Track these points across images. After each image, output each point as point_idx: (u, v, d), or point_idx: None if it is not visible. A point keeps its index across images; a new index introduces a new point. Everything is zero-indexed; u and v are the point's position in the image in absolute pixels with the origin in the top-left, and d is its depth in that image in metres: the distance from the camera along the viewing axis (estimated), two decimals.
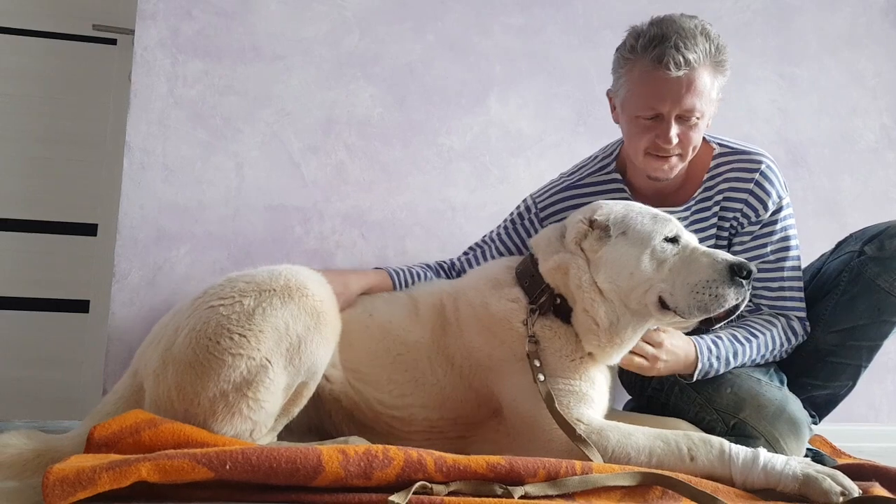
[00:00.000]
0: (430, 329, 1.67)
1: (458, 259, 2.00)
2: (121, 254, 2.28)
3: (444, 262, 1.99)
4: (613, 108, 1.87)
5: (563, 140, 2.69)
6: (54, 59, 2.65)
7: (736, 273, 1.48)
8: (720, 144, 1.87)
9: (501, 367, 1.58)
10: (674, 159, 1.75)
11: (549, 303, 1.60)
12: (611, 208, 1.62)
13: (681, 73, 1.63)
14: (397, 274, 1.88)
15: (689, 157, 1.78)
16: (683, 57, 1.62)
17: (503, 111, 2.67)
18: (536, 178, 2.55)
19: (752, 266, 1.50)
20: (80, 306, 2.57)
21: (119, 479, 1.10)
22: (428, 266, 1.95)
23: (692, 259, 1.52)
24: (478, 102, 2.65)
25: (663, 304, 1.52)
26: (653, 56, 1.65)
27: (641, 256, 1.53)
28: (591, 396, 1.53)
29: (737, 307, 1.51)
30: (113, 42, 2.67)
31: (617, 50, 1.79)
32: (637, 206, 1.64)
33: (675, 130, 1.70)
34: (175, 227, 2.33)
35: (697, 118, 1.70)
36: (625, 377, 1.90)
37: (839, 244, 1.93)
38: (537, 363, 1.50)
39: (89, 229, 2.60)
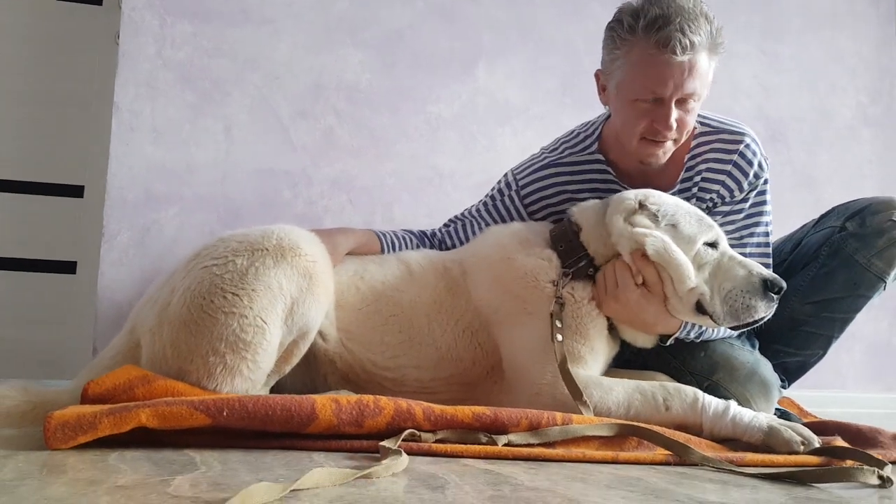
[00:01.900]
0: (431, 290, 1.70)
1: (440, 230, 2.00)
2: (110, 214, 2.29)
3: (426, 231, 2.00)
4: (603, 90, 1.81)
5: (548, 111, 2.73)
6: (40, 18, 2.62)
7: (769, 288, 1.53)
8: (702, 123, 1.84)
9: (509, 319, 1.63)
10: (668, 144, 1.72)
11: (584, 270, 1.64)
12: (662, 199, 1.64)
13: (686, 57, 1.58)
14: (384, 235, 1.89)
15: (683, 140, 1.75)
16: (690, 40, 1.57)
17: (491, 80, 2.70)
18: (523, 148, 2.57)
19: (784, 283, 1.55)
20: (67, 267, 2.58)
21: (119, 424, 1.13)
22: (412, 232, 1.96)
23: (729, 267, 1.57)
24: (466, 71, 2.67)
25: (700, 308, 1.58)
26: (658, 39, 1.58)
27: (687, 255, 1.57)
28: (586, 359, 1.59)
29: (762, 319, 1.56)
30: (98, 2, 2.64)
31: (611, 29, 1.71)
32: (684, 205, 1.66)
33: (674, 115, 1.65)
34: (164, 189, 2.34)
35: (695, 101, 1.68)
36: None
37: (821, 217, 1.97)
38: (559, 324, 1.55)
39: (76, 191, 2.60)
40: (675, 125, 1.67)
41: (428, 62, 2.63)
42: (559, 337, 1.53)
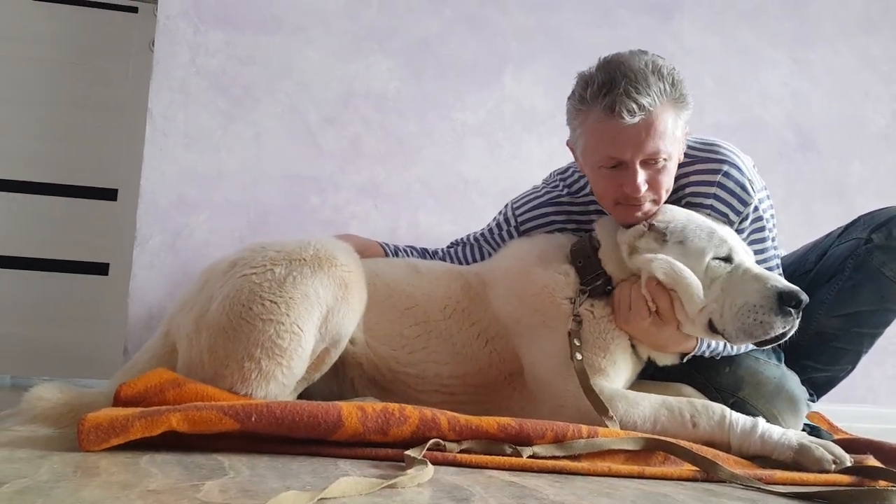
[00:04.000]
0: (444, 287, 1.72)
1: (442, 250, 2.03)
2: (142, 218, 2.34)
3: (428, 249, 2.03)
4: (577, 158, 1.76)
5: None
6: (77, 25, 2.68)
7: (785, 301, 1.45)
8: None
9: (529, 332, 1.64)
10: (647, 205, 1.63)
11: (601, 288, 1.63)
12: (673, 214, 1.61)
13: (636, 119, 1.52)
14: (386, 245, 1.96)
15: (665, 199, 1.66)
16: (636, 103, 1.50)
17: (517, 87, 2.70)
18: (548, 155, 2.59)
19: (804, 296, 1.46)
20: (100, 269, 2.64)
21: (150, 427, 1.15)
22: (413, 248, 2.00)
23: (742, 280, 1.51)
24: (492, 78, 2.68)
25: (712, 327, 1.54)
26: (604, 105, 1.53)
27: (695, 271, 1.54)
28: (608, 372, 1.58)
29: (784, 335, 1.48)
30: (134, 10, 2.71)
31: (568, 99, 1.67)
32: (697, 219, 1.61)
33: (642, 177, 1.58)
34: (195, 194, 2.38)
35: (665, 160, 1.59)
36: None
37: (847, 227, 1.93)
38: (577, 342, 1.54)
39: (110, 194, 2.66)
40: (644, 187, 1.59)
41: (455, 70, 2.64)
42: (578, 356, 1.52)
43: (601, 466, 1.25)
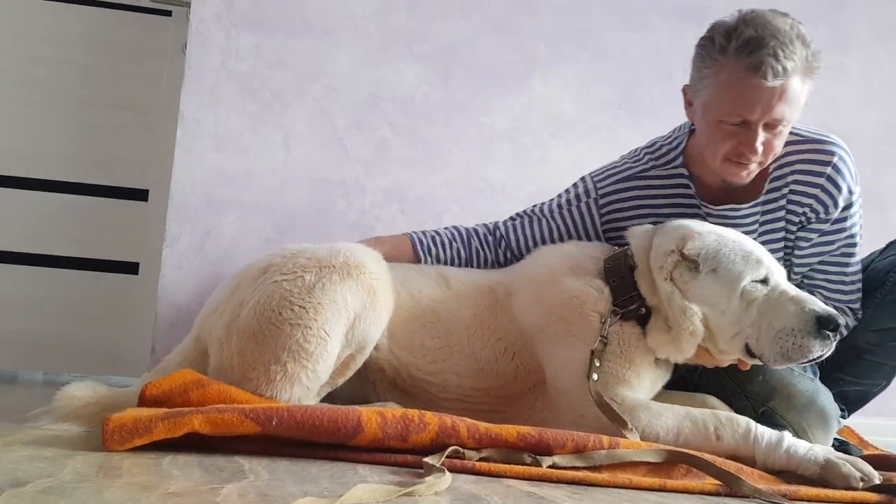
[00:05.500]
0: (472, 307, 1.71)
1: (503, 223, 1.97)
2: (172, 219, 2.38)
3: (481, 227, 1.97)
4: (689, 105, 1.75)
5: (603, 123, 2.70)
6: (112, 28, 2.74)
7: (823, 325, 1.45)
8: (790, 131, 1.74)
9: (552, 340, 1.63)
10: (753, 165, 1.66)
11: (635, 312, 1.60)
12: (703, 242, 1.57)
13: (776, 82, 1.53)
14: (421, 242, 1.91)
15: (768, 162, 1.69)
16: (782, 66, 1.51)
17: (545, 91, 2.68)
18: (576, 160, 2.58)
19: (842, 319, 1.47)
20: (130, 268, 2.69)
21: (173, 429, 1.17)
22: (459, 233, 1.94)
23: (779, 304, 1.50)
24: (520, 82, 2.67)
25: (749, 351, 1.53)
26: (750, 62, 1.53)
27: (731, 297, 1.53)
28: (631, 382, 1.57)
29: (819, 357, 1.49)
30: (168, 13, 2.75)
31: (701, 46, 1.66)
32: (730, 241, 1.58)
33: (761, 139, 1.60)
34: (224, 196, 2.42)
35: (784, 126, 1.62)
36: None
37: (890, 243, 1.92)
38: (597, 363, 1.53)
39: (141, 195, 2.71)
40: (761, 149, 1.62)
41: (483, 74, 2.64)
42: (595, 376, 1.51)
43: (622, 478, 1.23)
